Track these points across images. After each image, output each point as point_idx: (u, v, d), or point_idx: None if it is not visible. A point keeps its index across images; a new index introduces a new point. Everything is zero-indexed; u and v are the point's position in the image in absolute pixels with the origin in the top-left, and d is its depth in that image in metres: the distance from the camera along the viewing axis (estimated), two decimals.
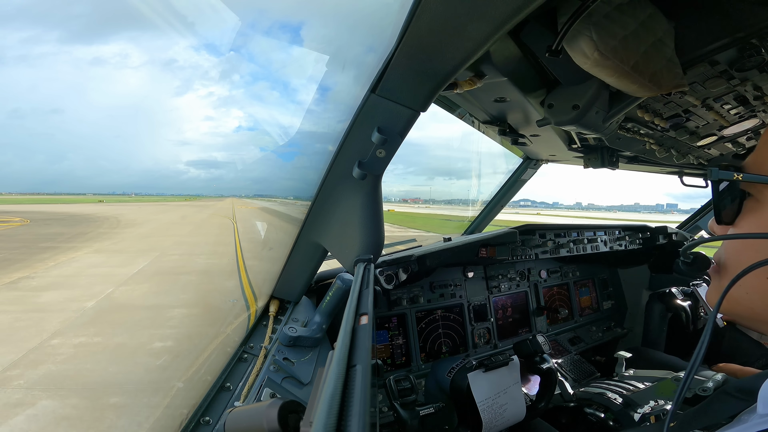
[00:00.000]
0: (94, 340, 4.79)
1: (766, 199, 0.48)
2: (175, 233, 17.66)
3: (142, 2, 1.39)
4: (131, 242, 14.23)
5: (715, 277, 0.57)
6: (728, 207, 0.52)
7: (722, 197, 0.52)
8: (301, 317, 1.34)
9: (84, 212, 33.89)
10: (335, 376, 0.40)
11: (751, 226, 0.50)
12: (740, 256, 0.51)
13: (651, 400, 1.30)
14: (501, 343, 2.08)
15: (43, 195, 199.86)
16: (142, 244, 13.38)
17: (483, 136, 1.63)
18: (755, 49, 0.86)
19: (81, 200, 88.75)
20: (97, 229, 18.67)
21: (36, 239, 14.56)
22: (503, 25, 0.62)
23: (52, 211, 34.82)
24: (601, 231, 2.30)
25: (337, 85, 1.04)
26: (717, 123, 1.30)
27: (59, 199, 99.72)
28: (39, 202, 69.32)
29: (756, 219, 0.49)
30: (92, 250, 11.85)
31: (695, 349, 0.51)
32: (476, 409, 1.15)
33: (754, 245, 0.49)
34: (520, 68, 0.92)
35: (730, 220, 0.53)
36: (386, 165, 0.91)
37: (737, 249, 0.52)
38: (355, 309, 0.61)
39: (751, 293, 0.49)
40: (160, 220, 25.93)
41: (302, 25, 0.98)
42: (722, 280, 0.54)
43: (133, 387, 3.66)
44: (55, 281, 7.76)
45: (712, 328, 0.50)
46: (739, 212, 0.52)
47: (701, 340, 0.51)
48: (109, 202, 75.76)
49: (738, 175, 0.49)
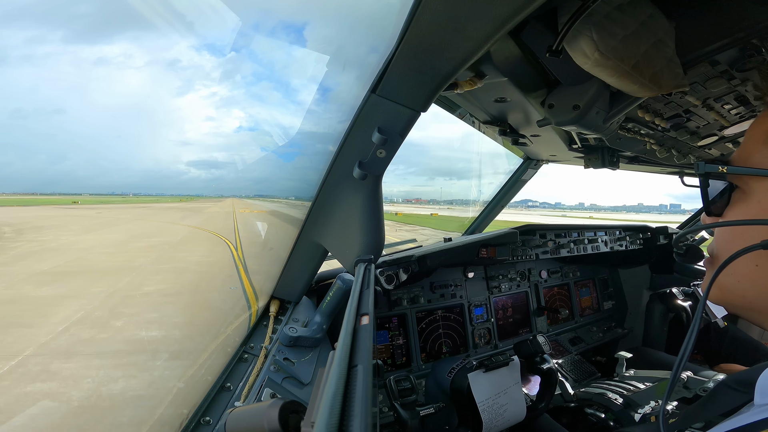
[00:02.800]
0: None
1: (752, 191, 0.51)
2: (107, 275, 8.37)
3: (147, 2, 1.39)
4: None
5: (709, 268, 0.59)
6: (718, 200, 0.55)
7: (712, 191, 0.55)
8: (301, 317, 1.34)
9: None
10: (336, 376, 0.40)
11: (738, 216, 0.52)
12: (729, 245, 0.52)
13: (651, 401, 1.30)
14: (501, 343, 2.08)
15: (41, 195, 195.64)
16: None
17: (483, 136, 1.63)
18: (756, 49, 0.86)
19: (51, 201, 78.23)
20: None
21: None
22: (504, 25, 0.62)
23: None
24: (601, 231, 2.30)
25: (337, 86, 1.04)
26: (718, 123, 1.30)
27: (26, 200, 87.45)
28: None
29: (743, 209, 0.52)
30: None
31: (684, 340, 0.53)
32: (476, 409, 1.15)
33: (743, 234, 0.50)
34: (520, 68, 0.92)
35: (719, 212, 0.55)
36: (387, 165, 0.91)
37: (727, 239, 0.54)
38: (356, 309, 0.61)
39: (742, 281, 0.51)
40: (98, 242, 14.46)
41: (303, 25, 0.98)
42: (714, 270, 0.56)
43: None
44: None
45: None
46: (727, 205, 0.54)
47: (691, 328, 0.53)
48: (84, 203, 67.18)
49: (723, 167, 0.51)
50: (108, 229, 20.15)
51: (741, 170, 0.51)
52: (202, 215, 33.39)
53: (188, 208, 46.85)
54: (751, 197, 0.50)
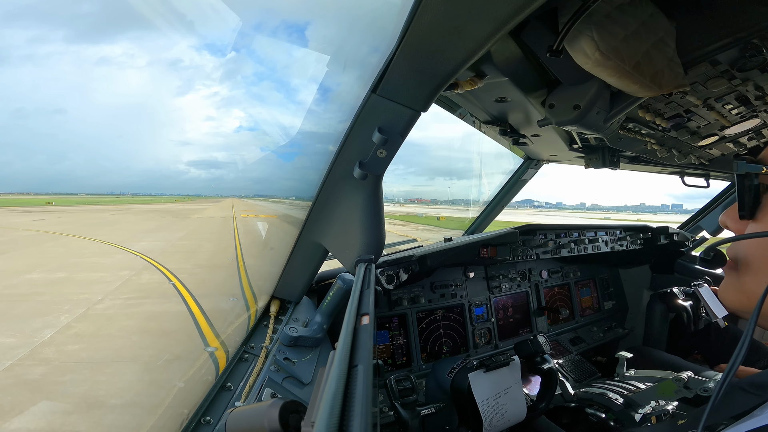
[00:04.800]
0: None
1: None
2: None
3: (149, 2, 1.39)
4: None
5: (730, 273, 0.56)
6: (747, 201, 0.52)
7: (744, 191, 0.52)
8: (301, 317, 1.34)
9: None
10: (337, 376, 0.40)
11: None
12: (767, 252, 0.49)
13: (652, 401, 1.30)
14: (502, 343, 2.08)
15: (39, 196, 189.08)
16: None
17: (484, 136, 1.63)
18: (756, 49, 0.86)
19: (23, 202, 70.26)
20: None
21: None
22: (504, 25, 0.62)
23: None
24: (602, 231, 2.30)
25: (338, 85, 1.04)
26: (718, 123, 1.30)
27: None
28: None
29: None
30: None
31: (731, 357, 0.49)
32: (477, 409, 1.15)
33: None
34: (521, 68, 0.92)
35: (751, 215, 0.52)
36: (387, 165, 0.91)
37: (763, 245, 0.50)
38: (357, 309, 0.61)
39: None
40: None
41: (303, 25, 0.98)
42: (742, 277, 0.53)
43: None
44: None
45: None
46: (756, 206, 0.51)
47: (739, 346, 0.49)
48: (59, 203, 57.44)
49: (766, 168, 0.48)
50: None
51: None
52: (185, 225, 22.61)
53: (175, 212, 37.75)
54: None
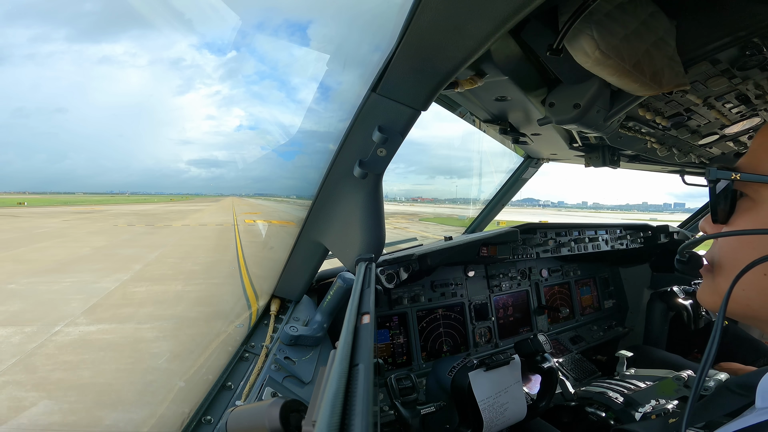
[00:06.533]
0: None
1: (762, 199, 0.49)
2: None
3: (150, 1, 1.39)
4: None
5: (707, 276, 0.57)
6: (722, 207, 0.53)
7: (717, 197, 0.53)
8: (302, 316, 1.34)
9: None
10: (338, 375, 0.40)
11: (747, 224, 0.51)
12: (737, 254, 0.51)
13: (652, 399, 1.30)
14: (502, 342, 2.08)
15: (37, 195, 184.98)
16: None
17: (484, 135, 1.63)
18: (757, 47, 0.86)
19: None
20: None
21: None
22: (504, 24, 0.61)
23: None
24: (602, 230, 2.30)
25: (338, 84, 1.04)
26: (718, 122, 1.30)
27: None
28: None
29: (752, 217, 0.50)
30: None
31: (704, 352, 0.49)
32: (477, 408, 1.15)
33: (751, 243, 0.49)
34: (521, 67, 0.92)
35: (724, 220, 0.53)
36: (387, 164, 0.91)
37: (733, 247, 0.52)
38: (357, 308, 0.61)
39: (748, 290, 0.49)
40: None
41: (303, 24, 0.98)
42: (716, 279, 0.55)
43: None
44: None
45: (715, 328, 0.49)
46: (732, 212, 0.53)
47: (710, 343, 0.49)
48: (31, 204, 52.53)
49: (736, 174, 0.49)
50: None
51: (756, 178, 0.48)
52: (154, 242, 15.31)
53: (159, 215, 31.96)
54: (762, 205, 0.49)
